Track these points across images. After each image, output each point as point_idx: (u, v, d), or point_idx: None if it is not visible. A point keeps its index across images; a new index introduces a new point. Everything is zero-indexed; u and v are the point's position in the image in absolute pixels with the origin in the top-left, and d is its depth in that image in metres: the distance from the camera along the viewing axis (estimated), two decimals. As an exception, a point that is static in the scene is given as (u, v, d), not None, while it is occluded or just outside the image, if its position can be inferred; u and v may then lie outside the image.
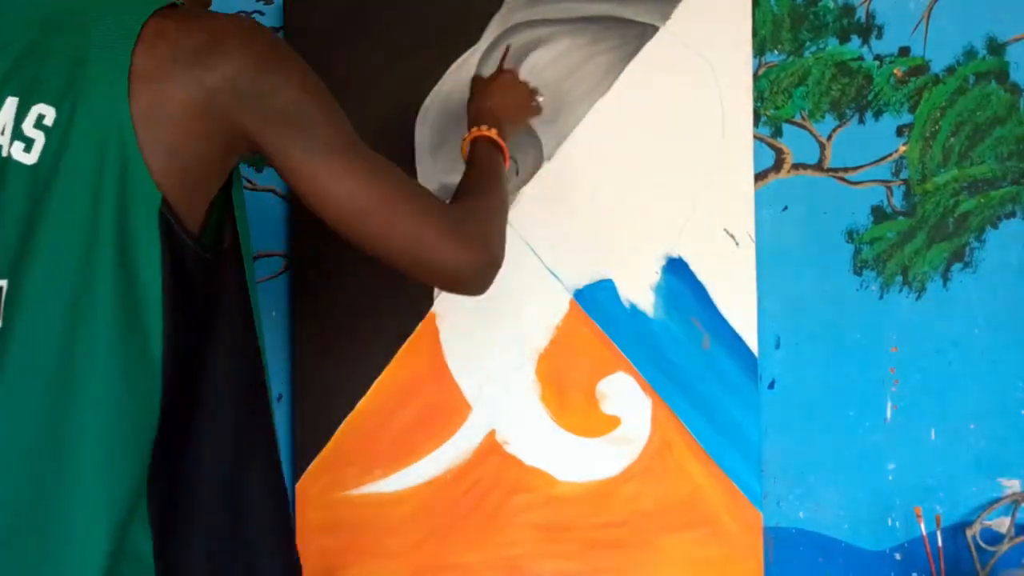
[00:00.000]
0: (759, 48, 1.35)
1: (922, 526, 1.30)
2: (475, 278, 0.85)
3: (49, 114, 0.74)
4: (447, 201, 0.90)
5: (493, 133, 1.05)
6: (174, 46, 0.75)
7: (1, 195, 0.74)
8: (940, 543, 1.29)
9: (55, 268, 0.73)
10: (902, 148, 1.35)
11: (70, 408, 0.72)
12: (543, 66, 1.34)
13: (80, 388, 0.73)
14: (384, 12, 1.35)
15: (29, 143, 0.74)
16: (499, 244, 0.89)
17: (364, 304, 1.33)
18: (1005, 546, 1.29)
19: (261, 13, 1.40)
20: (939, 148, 1.35)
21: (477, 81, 1.23)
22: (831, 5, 1.36)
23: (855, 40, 1.36)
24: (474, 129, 1.07)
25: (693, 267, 1.33)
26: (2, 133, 0.74)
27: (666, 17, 1.34)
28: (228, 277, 0.83)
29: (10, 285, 0.73)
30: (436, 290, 1.33)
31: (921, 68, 1.35)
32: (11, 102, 0.75)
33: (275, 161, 0.80)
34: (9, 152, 0.74)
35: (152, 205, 0.73)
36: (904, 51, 1.36)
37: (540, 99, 1.26)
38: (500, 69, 1.24)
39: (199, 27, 0.77)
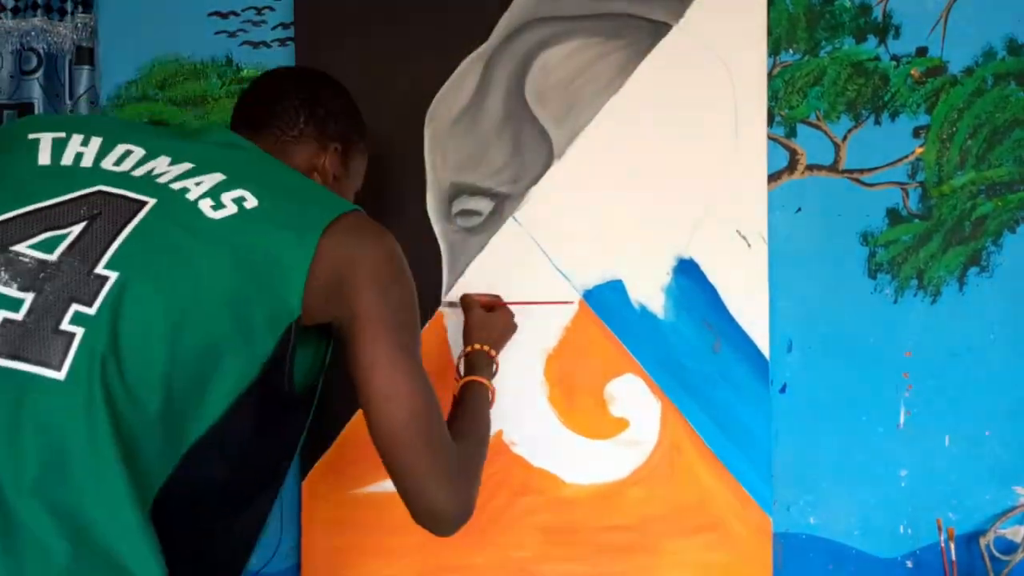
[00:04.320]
0: (774, 47, 1.34)
1: (940, 536, 1.28)
2: (451, 526, 0.92)
3: (251, 200, 0.84)
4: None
5: (490, 384, 1.13)
6: (356, 229, 0.89)
7: (163, 224, 0.81)
8: (953, 552, 1.27)
9: (173, 297, 0.78)
10: (918, 150, 1.34)
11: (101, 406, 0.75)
12: (555, 63, 1.33)
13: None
14: (394, 9, 1.35)
15: (220, 206, 0.83)
16: (476, 497, 0.96)
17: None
18: (1019, 556, 1.27)
19: (272, 9, 1.39)
20: (956, 150, 1.33)
21: (475, 311, 1.23)
22: (847, 4, 1.34)
23: (872, 40, 1.34)
24: (473, 377, 1.13)
25: (704, 268, 1.32)
26: (197, 185, 0.84)
27: (680, 15, 1.33)
28: (292, 418, 0.93)
29: (119, 281, 0.77)
30: (443, 289, 1.33)
31: (939, 69, 1.34)
32: (217, 175, 0.86)
33: (363, 344, 0.88)
34: (196, 200, 0.83)
35: (289, 315, 0.83)
36: (921, 51, 1.34)
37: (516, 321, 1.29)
38: (498, 303, 1.28)
39: (372, 223, 0.92)
